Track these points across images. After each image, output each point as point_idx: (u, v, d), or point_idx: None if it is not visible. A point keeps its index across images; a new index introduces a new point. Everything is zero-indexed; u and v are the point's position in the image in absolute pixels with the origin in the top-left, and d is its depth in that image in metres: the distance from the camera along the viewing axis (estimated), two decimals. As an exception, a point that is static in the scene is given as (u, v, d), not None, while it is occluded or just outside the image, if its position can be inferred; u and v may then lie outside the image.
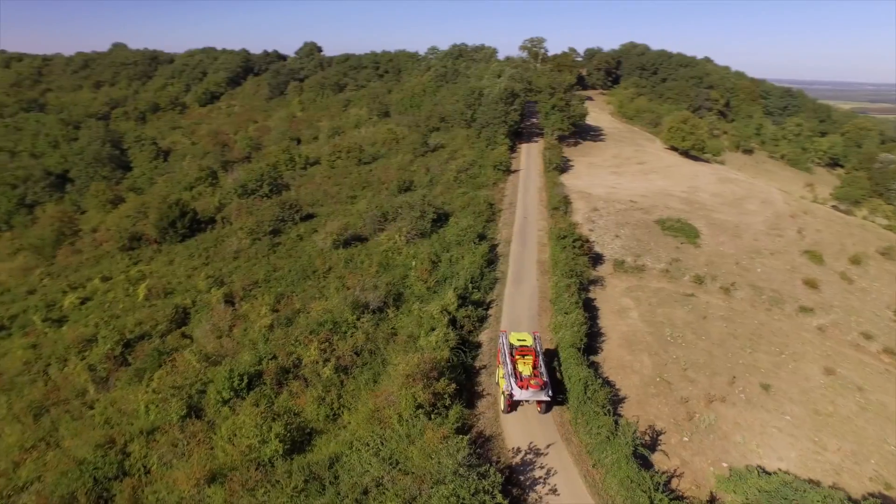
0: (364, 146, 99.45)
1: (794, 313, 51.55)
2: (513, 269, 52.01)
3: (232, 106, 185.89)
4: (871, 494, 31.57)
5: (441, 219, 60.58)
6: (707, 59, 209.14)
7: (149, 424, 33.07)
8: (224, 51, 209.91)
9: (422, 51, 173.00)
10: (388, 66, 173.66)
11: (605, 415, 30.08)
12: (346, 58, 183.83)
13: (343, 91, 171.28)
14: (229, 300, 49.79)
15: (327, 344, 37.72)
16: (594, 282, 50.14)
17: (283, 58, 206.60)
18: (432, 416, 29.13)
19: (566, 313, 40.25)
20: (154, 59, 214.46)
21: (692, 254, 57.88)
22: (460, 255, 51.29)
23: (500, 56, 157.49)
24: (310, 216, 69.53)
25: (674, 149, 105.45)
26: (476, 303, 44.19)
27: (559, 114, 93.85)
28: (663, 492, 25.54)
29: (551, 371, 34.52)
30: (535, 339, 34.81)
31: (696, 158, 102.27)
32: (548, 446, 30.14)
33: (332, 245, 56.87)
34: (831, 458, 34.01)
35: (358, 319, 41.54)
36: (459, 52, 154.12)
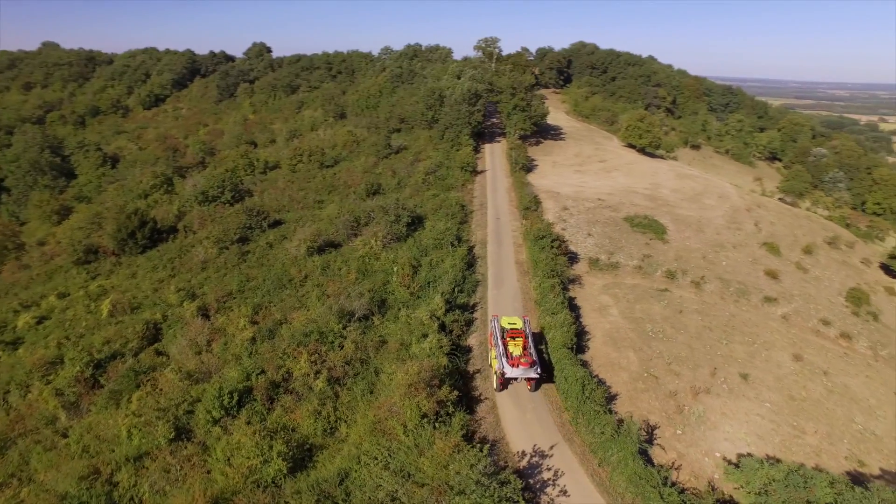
0: (325, 149, 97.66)
1: (760, 304, 54.07)
2: (492, 270, 52.26)
3: (179, 109, 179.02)
4: (849, 473, 33.58)
5: (415, 222, 60.18)
6: (651, 58, 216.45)
7: (134, 451, 31.29)
8: (168, 51, 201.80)
9: (375, 51, 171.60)
10: (341, 66, 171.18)
11: (606, 413, 30.69)
12: (298, 58, 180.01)
13: (296, 92, 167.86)
14: (204, 313, 47.86)
15: (317, 356, 36.80)
16: (572, 280, 50.99)
17: (230, 59, 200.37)
18: (437, 425, 28.89)
19: (553, 314, 40.74)
20: (91, 60, 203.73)
21: (661, 249, 59.77)
22: (440, 258, 51.14)
23: (456, 56, 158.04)
24: (277, 223, 67.72)
25: (631, 146, 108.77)
26: (461, 306, 44.20)
27: (521, 114, 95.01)
28: (670, 485, 26.27)
29: (539, 352, 36.74)
30: (524, 322, 37.82)
31: (651, 155, 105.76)
32: (551, 447, 30.47)
33: (305, 252, 55.57)
34: (810, 440, 35.88)
35: (344, 328, 40.73)
36: (414, 53, 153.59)
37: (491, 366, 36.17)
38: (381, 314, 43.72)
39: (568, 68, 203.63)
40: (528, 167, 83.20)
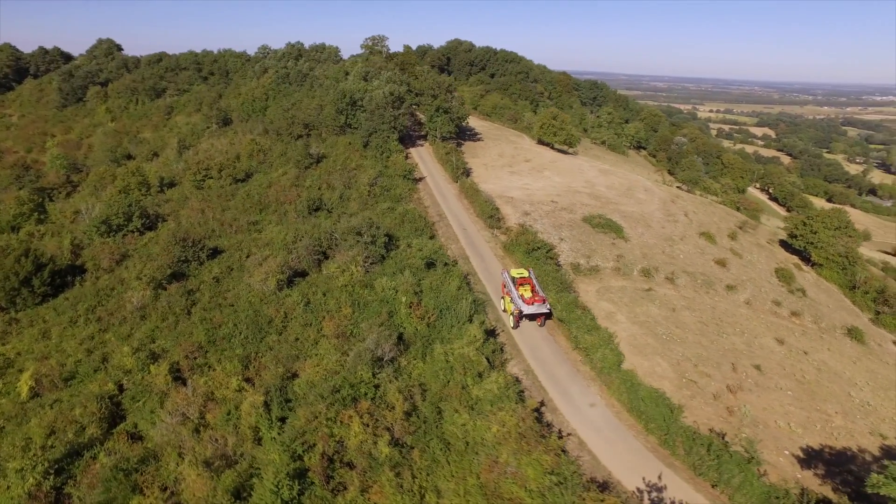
0: (234, 162, 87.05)
1: (725, 292, 58.06)
2: (490, 287, 49.86)
3: (7, 116, 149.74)
4: (882, 448, 36.71)
5: (388, 241, 55.49)
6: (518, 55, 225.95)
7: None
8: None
9: (250, 50, 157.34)
10: (213, 67, 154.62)
11: (704, 433, 30.16)
12: (159, 58, 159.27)
13: (162, 96, 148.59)
14: (176, 376, 39.42)
15: (368, 415, 31.76)
16: (567, 288, 50.41)
17: (69, 57, 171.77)
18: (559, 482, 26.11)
19: (590, 331, 39.67)
20: None
21: (627, 248, 61.66)
22: (439, 281, 47.48)
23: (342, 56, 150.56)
24: (215, 252, 58.56)
25: (542, 143, 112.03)
26: (487, 332, 41.28)
27: (444, 115, 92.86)
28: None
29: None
30: (529, 272, 45.96)
31: (563, 152, 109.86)
32: (659, 477, 29.25)
33: (276, 287, 48.50)
34: (838, 422, 38.81)
35: (374, 376, 35.85)
36: (299, 52, 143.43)
37: (506, 310, 45.09)
38: (404, 352, 39.28)
39: (447, 66, 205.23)
40: (467, 171, 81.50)
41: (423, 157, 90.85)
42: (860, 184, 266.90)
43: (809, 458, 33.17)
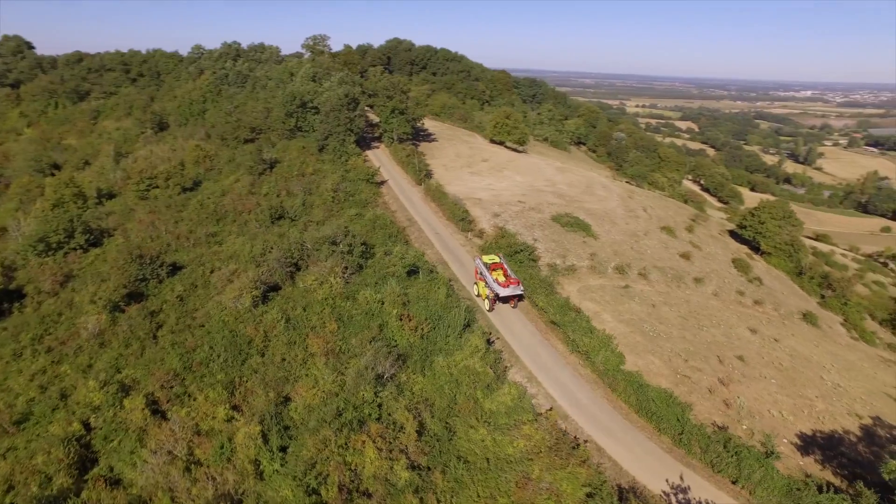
0: (181, 169, 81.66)
1: (694, 285, 59.99)
2: (474, 292, 49.00)
3: None
4: (862, 427, 38.80)
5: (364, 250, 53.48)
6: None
7: None
8: None
9: (182, 50, 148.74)
10: (142, 68, 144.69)
11: (716, 430, 30.60)
12: (80, 58, 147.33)
13: (86, 100, 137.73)
14: (154, 410, 36.05)
15: (380, 439, 30.12)
16: (553, 290, 50.36)
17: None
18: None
19: (588, 333, 39.64)
20: None
21: (598, 246, 62.52)
22: (425, 290, 46.10)
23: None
24: (174, 268, 54.40)
25: (493, 142, 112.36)
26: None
27: (400, 117, 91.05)
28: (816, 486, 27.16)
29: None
30: (500, 257, 48.87)
31: (515, 150, 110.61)
32: (681, 477, 29.38)
33: (251, 304, 45.52)
34: (820, 406, 40.73)
35: (377, 395, 34.20)
36: (237, 53, 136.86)
37: (479, 294, 47.92)
38: (401, 368, 37.74)
39: (388, 65, 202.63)
40: (429, 173, 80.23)
41: (381, 159, 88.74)
42: (777, 173, 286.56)
43: (806, 444, 34.52)
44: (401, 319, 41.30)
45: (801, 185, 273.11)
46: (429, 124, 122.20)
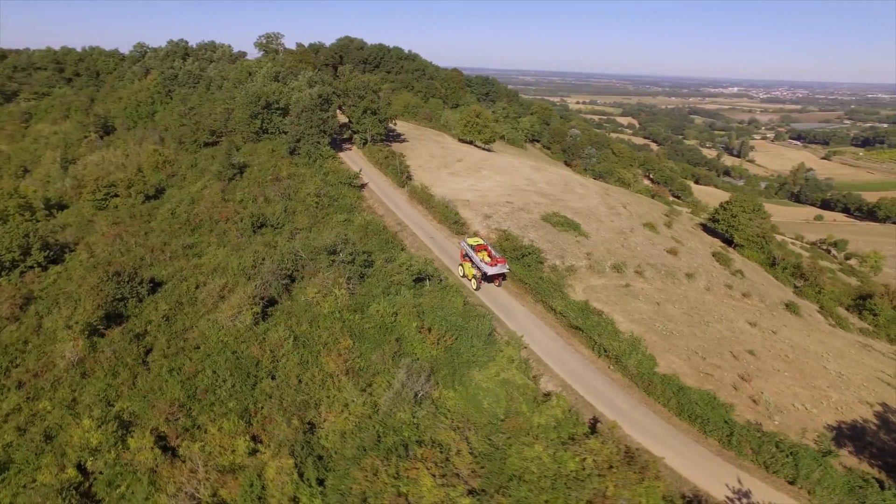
0: (136, 177, 75.85)
1: (686, 281, 60.89)
2: (486, 298, 47.56)
3: None
4: (878, 414, 40.04)
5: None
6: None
7: None
8: None
9: (122, 48, 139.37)
10: (77, 67, 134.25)
11: (765, 433, 30.51)
12: (3, 54, 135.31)
13: (13, 101, 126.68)
14: (162, 446, 32.58)
15: (433, 464, 28.21)
16: (564, 294, 49.64)
17: None
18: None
19: (614, 336, 38.96)
20: None
21: (591, 245, 62.44)
22: (438, 298, 44.25)
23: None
24: (153, 284, 50.04)
25: (462, 141, 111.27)
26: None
27: (372, 117, 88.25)
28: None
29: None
30: (483, 240, 52.16)
31: (486, 149, 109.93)
32: (739, 481, 29.07)
33: (252, 321, 42.30)
34: (834, 396, 41.77)
35: (414, 415, 32.24)
36: (185, 51, 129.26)
37: (465, 275, 50.43)
38: (428, 383, 35.83)
39: (341, 63, 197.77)
40: (408, 175, 78.04)
41: (356, 161, 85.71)
42: (717, 166, 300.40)
43: (837, 437, 35.11)
44: (420, 332, 39.31)
45: (740, 176, 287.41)
46: (395, 124, 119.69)
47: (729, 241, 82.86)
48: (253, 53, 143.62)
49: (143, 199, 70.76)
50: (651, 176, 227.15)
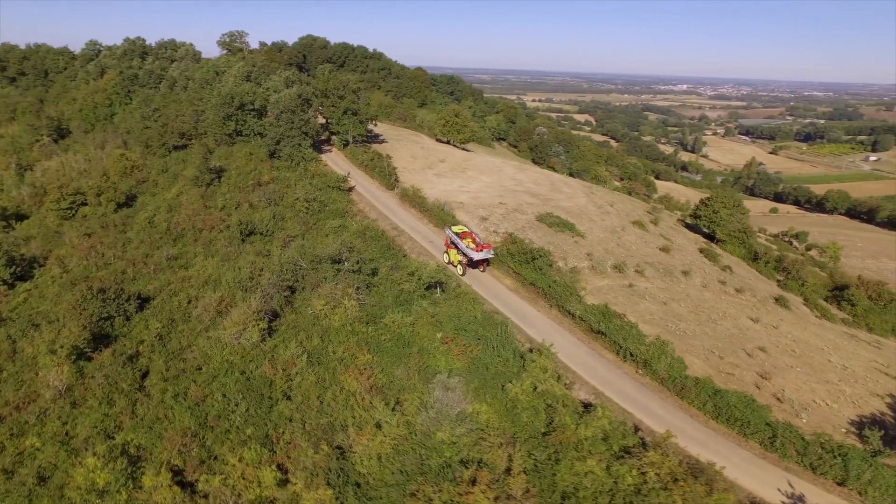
0: (105, 183, 70.95)
1: (684, 279, 61.27)
2: (499, 305, 46.25)
3: None
4: (891, 406, 40.88)
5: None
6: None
7: None
8: None
9: (72, 47, 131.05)
10: (22, 66, 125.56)
11: (810, 435, 30.38)
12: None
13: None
14: (179, 481, 29.86)
15: (486, 487, 26.67)
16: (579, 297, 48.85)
17: None
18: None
19: (640, 339, 38.36)
20: None
21: (589, 245, 62.08)
22: (454, 307, 42.68)
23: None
24: (141, 300, 46.51)
25: (439, 141, 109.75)
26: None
27: (353, 118, 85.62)
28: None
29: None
30: (467, 227, 54.00)
31: (464, 149, 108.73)
32: (790, 484, 28.80)
33: (258, 339, 39.67)
34: (847, 390, 42.41)
35: (453, 434, 30.63)
36: (144, 50, 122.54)
37: (451, 262, 51.74)
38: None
39: (304, 63, 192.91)
40: (396, 177, 75.94)
41: (339, 163, 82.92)
42: (674, 162, 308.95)
43: (861, 431, 35.43)
44: (445, 343, 37.70)
45: (697, 171, 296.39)
46: (376, 125, 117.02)
47: (710, 237, 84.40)
48: (215, 52, 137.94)
49: (114, 208, 66.20)
50: (617, 174, 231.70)
